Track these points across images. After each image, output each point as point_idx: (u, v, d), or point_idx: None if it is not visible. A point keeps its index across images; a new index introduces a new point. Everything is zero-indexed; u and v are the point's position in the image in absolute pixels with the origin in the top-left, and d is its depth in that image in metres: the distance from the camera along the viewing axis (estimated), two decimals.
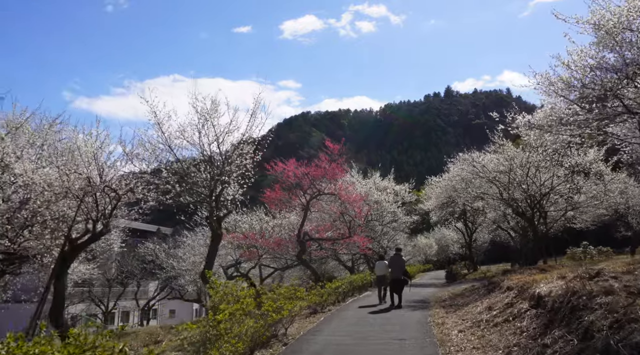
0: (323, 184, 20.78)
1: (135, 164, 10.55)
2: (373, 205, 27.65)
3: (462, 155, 21.72)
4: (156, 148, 11.05)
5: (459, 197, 24.34)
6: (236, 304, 7.96)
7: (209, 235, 25.79)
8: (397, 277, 15.84)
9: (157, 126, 10.95)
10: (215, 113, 11.54)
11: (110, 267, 39.40)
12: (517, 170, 19.80)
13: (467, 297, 15.81)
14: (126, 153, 10.25)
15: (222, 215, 12.47)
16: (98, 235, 10.47)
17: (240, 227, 23.10)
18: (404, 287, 15.94)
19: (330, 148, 19.74)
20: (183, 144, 11.48)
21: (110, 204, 10.43)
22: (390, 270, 16.19)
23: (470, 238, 36.70)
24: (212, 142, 11.62)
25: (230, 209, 12.66)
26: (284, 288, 14.10)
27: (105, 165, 10.20)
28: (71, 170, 9.40)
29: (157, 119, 10.93)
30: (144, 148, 10.83)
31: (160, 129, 10.95)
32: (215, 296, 9.64)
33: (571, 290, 7.64)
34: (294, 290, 14.24)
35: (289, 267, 25.01)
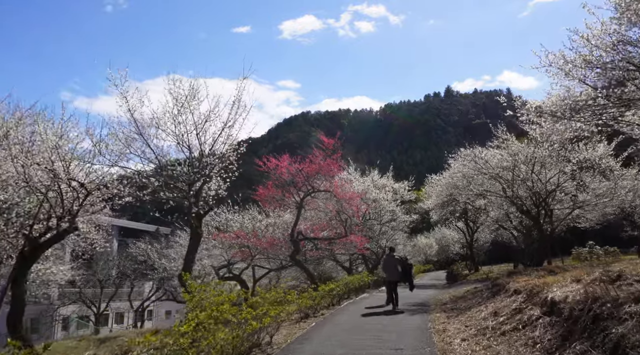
0: (318, 181, 19.83)
1: (104, 155, 9.57)
2: (371, 204, 26.65)
3: (464, 150, 20.72)
4: (129, 138, 10.07)
5: (460, 195, 23.36)
6: (205, 312, 6.97)
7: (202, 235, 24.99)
8: (393, 279, 15.39)
9: (129, 113, 9.98)
10: (194, 100, 10.57)
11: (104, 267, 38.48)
12: (522, 167, 18.83)
13: (470, 300, 14.82)
14: (94, 143, 9.28)
15: (203, 213, 11.47)
16: (63, 234, 9.49)
17: (232, 226, 22.10)
18: (397, 287, 15.46)
19: (325, 143, 18.76)
20: (158, 134, 10.52)
21: (78, 200, 9.45)
22: (386, 273, 15.80)
23: (471, 238, 35.71)
24: (190, 131, 10.66)
25: (212, 205, 11.68)
26: (273, 291, 13.15)
27: (71, 157, 9.21)
28: (28, 160, 8.44)
29: (128, 104, 9.95)
30: (115, 138, 9.86)
31: (132, 116, 9.99)
32: (190, 302, 8.68)
33: (592, 296, 6.66)
34: (283, 294, 13.28)
35: (283, 267, 24.04)
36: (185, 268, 11.09)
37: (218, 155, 11.06)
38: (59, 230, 9.22)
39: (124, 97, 9.86)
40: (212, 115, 10.68)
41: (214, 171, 10.99)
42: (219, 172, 11.23)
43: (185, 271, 10.42)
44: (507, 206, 22.13)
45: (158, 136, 10.44)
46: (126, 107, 9.90)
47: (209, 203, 11.45)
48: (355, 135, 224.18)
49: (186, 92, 10.38)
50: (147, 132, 10.20)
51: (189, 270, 10.85)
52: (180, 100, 10.37)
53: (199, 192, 10.91)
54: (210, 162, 10.86)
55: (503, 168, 18.80)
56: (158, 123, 10.26)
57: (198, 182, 10.80)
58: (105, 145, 9.45)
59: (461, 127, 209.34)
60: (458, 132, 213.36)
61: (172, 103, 10.36)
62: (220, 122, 10.83)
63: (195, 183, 10.70)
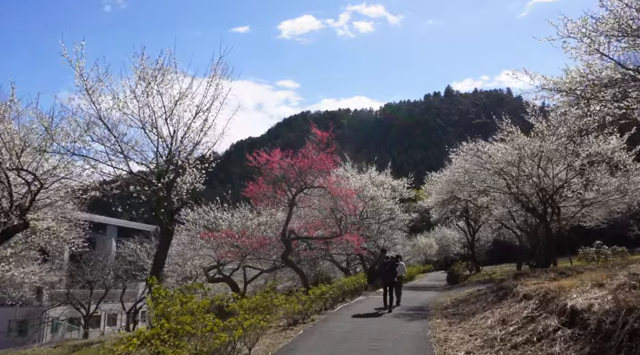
0: (312, 177, 18.69)
1: (59, 142, 8.40)
2: (368, 202, 25.50)
3: (466, 145, 19.56)
4: (91, 124, 8.92)
5: (462, 192, 22.21)
6: (152, 329, 5.83)
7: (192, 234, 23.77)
8: (389, 281, 15.15)
9: (86, 92, 8.81)
10: (163, 79, 9.38)
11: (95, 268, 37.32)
12: (527, 161, 17.70)
13: (473, 304, 13.66)
14: (45, 128, 8.13)
15: (175, 208, 10.32)
16: (12, 231, 8.36)
17: (221, 225, 20.96)
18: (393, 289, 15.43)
19: (319, 136, 17.60)
20: (124, 119, 9.34)
21: (30, 194, 8.32)
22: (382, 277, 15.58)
23: (472, 237, 34.55)
24: (159, 115, 9.51)
25: (186, 200, 10.53)
26: (258, 295, 12.01)
27: (22, 145, 8.07)
28: None
29: (84, 82, 8.76)
30: (72, 122, 8.70)
31: (90, 96, 8.82)
32: (155, 309, 7.53)
33: (626, 306, 5.51)
34: (269, 298, 12.12)
35: (276, 268, 22.89)
36: (154, 270, 9.93)
37: (193, 144, 9.91)
38: (7, 226, 8.11)
39: (79, 75, 8.70)
40: (183, 98, 9.53)
41: (189, 162, 9.85)
42: (194, 163, 10.08)
43: (155, 274, 9.28)
44: (512, 203, 20.99)
45: (124, 122, 9.31)
46: (83, 85, 8.73)
47: (183, 198, 10.31)
48: (355, 134, 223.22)
49: (153, 70, 9.23)
50: (112, 117, 9.06)
51: (158, 273, 9.69)
52: (147, 79, 9.21)
53: (170, 185, 9.77)
54: (183, 151, 9.73)
55: (508, 163, 17.67)
56: (119, 105, 9.08)
57: (170, 174, 9.66)
58: (60, 131, 8.33)
59: (461, 126, 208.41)
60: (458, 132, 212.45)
61: (136, 81, 9.21)
62: (194, 106, 9.69)
63: (165, 175, 9.55)
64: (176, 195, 10.09)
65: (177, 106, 9.34)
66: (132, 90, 9.14)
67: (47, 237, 13.17)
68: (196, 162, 10.07)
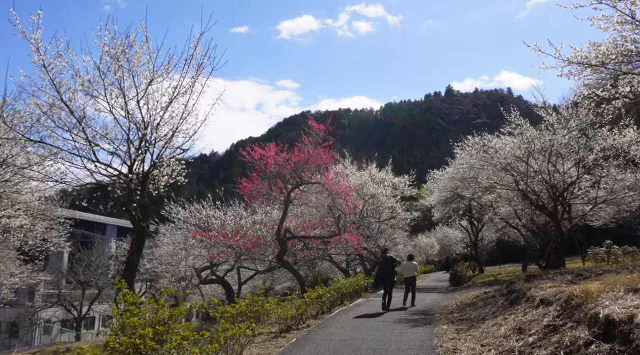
0: (309, 173, 17.69)
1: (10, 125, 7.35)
2: (368, 200, 24.50)
3: (472, 138, 18.53)
4: (51, 105, 7.88)
5: (466, 190, 21.18)
6: (106, 345, 4.84)
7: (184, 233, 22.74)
8: (390, 283, 15.16)
9: (44, 69, 7.76)
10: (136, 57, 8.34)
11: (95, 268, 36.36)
12: (537, 156, 16.70)
13: (482, 308, 12.65)
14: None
15: (149, 203, 9.28)
16: None
17: (213, 224, 19.96)
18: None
19: (315, 129, 16.58)
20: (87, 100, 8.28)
21: None
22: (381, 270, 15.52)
23: (475, 237, 33.51)
24: (131, 98, 8.47)
25: (163, 193, 9.48)
26: (247, 300, 11.02)
27: None
28: None
29: (41, 57, 7.71)
30: (35, 106, 7.67)
31: (49, 74, 7.77)
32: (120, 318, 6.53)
33: None
34: (260, 303, 11.13)
35: (272, 269, 21.88)
36: (126, 273, 8.86)
37: (172, 130, 8.86)
38: None
39: (36, 49, 7.65)
40: (158, 78, 8.50)
41: (165, 152, 8.86)
42: (173, 152, 9.06)
43: (128, 277, 8.24)
44: (519, 201, 19.97)
45: (93, 106, 8.27)
46: (40, 61, 7.68)
47: (160, 191, 9.28)
48: (356, 134, 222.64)
49: (123, 45, 8.16)
50: (77, 99, 8.02)
51: (130, 276, 8.65)
52: (115, 55, 8.16)
53: (145, 177, 8.75)
54: (159, 139, 8.69)
55: (516, 158, 16.65)
56: (82, 84, 8.04)
57: (143, 165, 8.64)
58: (12, 112, 7.32)
59: (462, 126, 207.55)
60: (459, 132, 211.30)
61: (100, 55, 8.13)
62: (172, 87, 8.66)
63: (136, 165, 8.53)
64: (154, 189, 9.07)
65: (151, 87, 8.33)
66: (97, 66, 8.10)
67: (21, 236, 12.15)
68: (176, 151, 9.07)
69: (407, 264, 16.87)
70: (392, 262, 15.57)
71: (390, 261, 15.57)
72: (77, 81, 7.82)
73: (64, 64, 7.72)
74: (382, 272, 15.39)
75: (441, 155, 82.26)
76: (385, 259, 15.69)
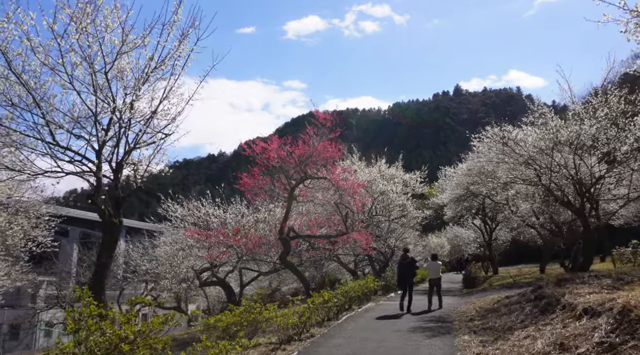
0: (315, 168, 16.45)
1: None
2: (378, 197, 23.17)
3: (491, 129, 17.15)
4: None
5: (483, 186, 19.78)
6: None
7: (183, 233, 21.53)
8: (410, 283, 14.76)
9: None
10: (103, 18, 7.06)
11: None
12: (563, 148, 15.32)
13: (507, 315, 11.29)
14: None
15: (121, 195, 7.95)
16: None
17: (213, 223, 18.78)
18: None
19: (321, 118, 15.29)
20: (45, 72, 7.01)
21: None
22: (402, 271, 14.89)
23: (490, 236, 32.06)
24: (98, 69, 7.25)
25: (140, 183, 8.22)
26: (242, 307, 9.79)
27: None
28: None
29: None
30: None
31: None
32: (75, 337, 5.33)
33: None
34: (257, 310, 9.89)
35: (275, 270, 20.64)
36: (94, 278, 7.59)
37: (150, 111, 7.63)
38: None
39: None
40: (130, 44, 7.26)
41: (142, 136, 7.60)
42: (153, 137, 7.82)
43: (95, 283, 7.00)
44: (540, 197, 18.56)
45: (57, 82, 7.04)
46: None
47: (137, 182, 8.04)
48: (364, 134, 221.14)
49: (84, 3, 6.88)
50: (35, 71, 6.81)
51: (98, 282, 7.40)
52: (74, 15, 6.88)
53: (119, 166, 7.53)
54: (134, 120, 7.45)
55: (540, 149, 15.27)
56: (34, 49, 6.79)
57: (117, 150, 7.43)
58: None
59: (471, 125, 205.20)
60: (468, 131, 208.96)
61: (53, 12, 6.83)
62: (148, 59, 7.42)
63: (107, 150, 7.32)
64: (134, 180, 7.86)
65: (122, 58, 7.10)
66: (49, 27, 6.79)
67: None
68: (157, 135, 7.84)
69: (432, 264, 15.92)
70: (413, 263, 15.10)
71: (412, 262, 15.08)
72: (25, 45, 6.58)
73: (11, 26, 6.49)
74: (403, 272, 14.75)
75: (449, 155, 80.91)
76: (405, 259, 15.01)
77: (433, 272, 15.66)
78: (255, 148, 16.50)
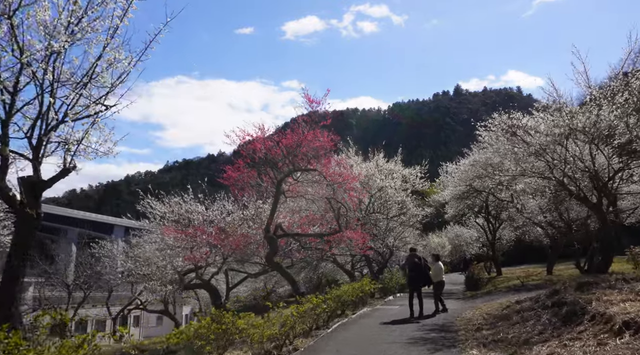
0: (305, 160, 14.96)
1: None
2: (375, 193, 21.67)
3: (499, 117, 15.64)
4: None
5: (489, 179, 18.28)
6: None
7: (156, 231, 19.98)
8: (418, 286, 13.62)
9: None
10: None
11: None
12: (579, 136, 13.86)
13: (519, 324, 9.79)
14: None
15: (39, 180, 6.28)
16: None
17: (194, 220, 17.30)
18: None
19: (310, 103, 13.79)
20: None
21: None
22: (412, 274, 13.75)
23: (493, 236, 30.58)
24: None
25: (74, 168, 6.55)
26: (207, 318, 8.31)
27: None
28: None
29: None
30: None
31: None
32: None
33: None
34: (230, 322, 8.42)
35: (264, 272, 19.17)
36: (4, 285, 6.00)
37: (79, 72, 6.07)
38: None
39: None
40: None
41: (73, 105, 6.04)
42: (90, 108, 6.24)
43: (6, 289, 5.48)
44: (552, 192, 17.08)
45: None
46: None
47: (70, 165, 6.48)
48: (364, 134, 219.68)
49: None
50: None
51: (10, 289, 5.84)
52: None
53: (39, 143, 6.00)
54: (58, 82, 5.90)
55: (553, 138, 13.78)
56: None
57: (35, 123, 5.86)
58: None
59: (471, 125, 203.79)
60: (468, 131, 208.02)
61: None
62: None
63: (13, 117, 5.76)
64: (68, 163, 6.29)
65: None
66: None
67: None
68: (95, 107, 6.25)
69: (435, 266, 14.72)
70: (425, 264, 14.07)
71: (424, 262, 14.04)
72: None
73: None
74: (416, 275, 13.67)
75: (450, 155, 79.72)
76: (413, 259, 13.93)
77: (437, 275, 14.43)
78: (239, 138, 15.05)
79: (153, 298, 29.29)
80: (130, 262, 25.67)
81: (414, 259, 14.25)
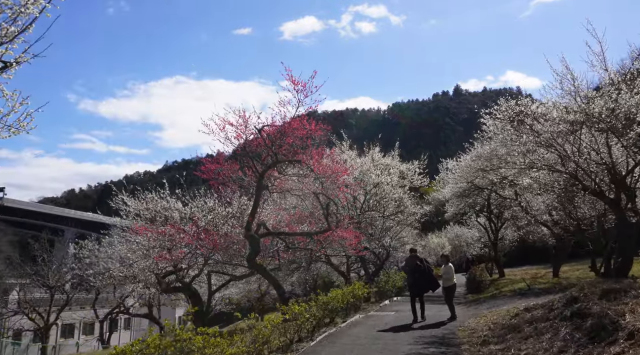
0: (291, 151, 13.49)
1: None
2: (371, 190, 20.21)
3: (505, 103, 14.13)
4: None
5: (494, 173, 16.81)
6: None
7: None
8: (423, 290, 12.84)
9: None
10: None
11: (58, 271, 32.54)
12: (595, 125, 12.40)
13: (533, 338, 8.34)
14: None
15: None
16: None
17: (171, 218, 15.82)
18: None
19: (295, 86, 12.24)
20: None
21: None
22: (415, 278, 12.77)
23: (495, 236, 29.13)
24: None
25: None
26: (156, 335, 6.83)
27: None
28: None
29: None
30: None
31: None
32: None
33: None
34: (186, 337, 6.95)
35: (250, 274, 17.68)
36: None
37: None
38: None
39: None
40: None
41: None
42: None
43: None
44: (561, 187, 15.61)
45: None
46: None
47: None
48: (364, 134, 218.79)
49: None
50: None
51: None
52: None
53: None
54: None
55: (566, 127, 12.32)
56: None
57: None
58: None
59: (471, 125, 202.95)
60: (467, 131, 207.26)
61: None
62: None
63: None
64: None
65: None
66: None
67: None
68: None
69: (446, 268, 13.54)
70: (429, 267, 13.10)
71: (426, 265, 12.99)
72: None
73: None
74: (418, 279, 12.69)
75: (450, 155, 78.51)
76: (414, 261, 12.88)
77: (448, 279, 13.21)
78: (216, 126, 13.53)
79: (135, 301, 27.85)
80: (111, 263, 24.21)
81: (415, 260, 12.90)
